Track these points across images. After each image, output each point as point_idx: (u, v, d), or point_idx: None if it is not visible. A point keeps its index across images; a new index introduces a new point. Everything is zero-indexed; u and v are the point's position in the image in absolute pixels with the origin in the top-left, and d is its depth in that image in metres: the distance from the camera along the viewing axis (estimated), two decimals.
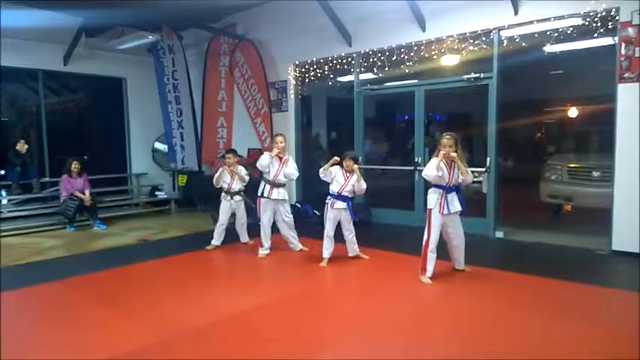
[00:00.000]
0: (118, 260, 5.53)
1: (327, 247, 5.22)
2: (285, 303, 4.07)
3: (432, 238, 4.45)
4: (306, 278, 4.84)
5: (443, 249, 4.62)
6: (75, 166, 7.79)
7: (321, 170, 5.15)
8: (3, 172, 8.40)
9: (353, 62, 7.85)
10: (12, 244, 6.81)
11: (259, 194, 5.58)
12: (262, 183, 5.61)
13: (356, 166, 5.12)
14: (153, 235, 7.03)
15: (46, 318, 3.86)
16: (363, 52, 7.65)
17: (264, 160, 5.51)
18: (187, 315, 3.80)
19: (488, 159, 6.51)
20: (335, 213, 5.19)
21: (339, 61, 8.01)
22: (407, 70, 7.19)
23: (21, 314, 3.99)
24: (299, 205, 7.99)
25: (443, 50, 6.83)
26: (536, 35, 6.10)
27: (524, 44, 6.23)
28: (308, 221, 7.38)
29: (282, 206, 5.63)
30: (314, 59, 8.27)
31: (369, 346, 3.18)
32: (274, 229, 5.71)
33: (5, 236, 7.19)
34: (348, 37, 7.63)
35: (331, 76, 8.29)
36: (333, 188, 5.19)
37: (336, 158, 5.13)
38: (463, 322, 3.56)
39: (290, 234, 5.79)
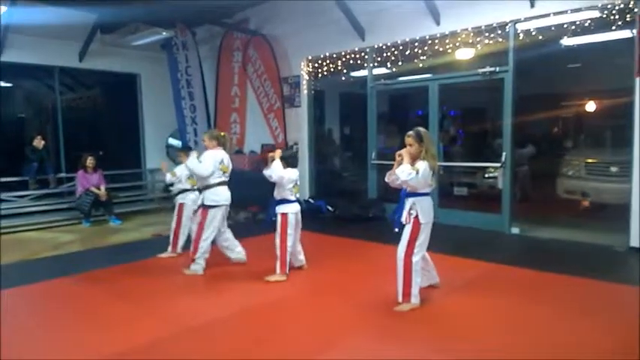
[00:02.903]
0: (133, 255, 5.58)
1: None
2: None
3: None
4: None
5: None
6: (90, 161, 7.88)
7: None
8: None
9: (366, 57, 7.80)
10: (29, 238, 6.93)
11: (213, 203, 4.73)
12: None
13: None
14: (167, 231, 7.07)
15: (62, 311, 3.92)
16: (376, 46, 7.59)
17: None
18: (203, 309, 3.84)
19: (503, 154, 6.42)
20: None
21: (353, 55, 7.97)
22: (421, 65, 7.12)
23: (38, 307, 4.06)
24: (312, 201, 7.98)
25: (457, 44, 6.75)
26: (552, 28, 6.00)
27: (540, 37, 6.14)
28: (322, 217, 7.38)
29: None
30: (327, 54, 8.24)
31: (397, 347, 3.17)
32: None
33: (22, 231, 7.32)
34: (362, 32, 7.58)
35: (344, 70, 8.25)
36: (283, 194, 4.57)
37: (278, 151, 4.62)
38: (480, 320, 3.52)
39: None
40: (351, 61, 8.02)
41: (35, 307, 4.09)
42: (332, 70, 8.29)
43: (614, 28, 5.49)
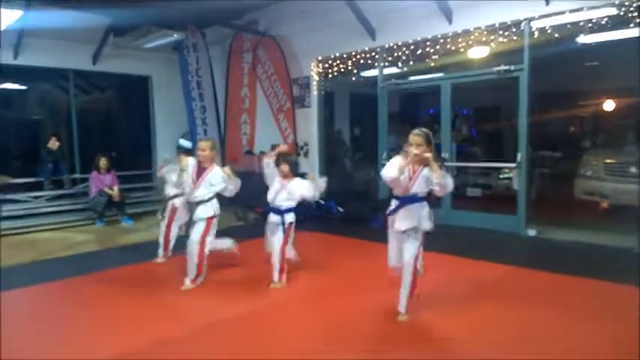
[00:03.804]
0: (145, 255, 5.58)
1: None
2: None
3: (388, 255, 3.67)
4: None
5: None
6: (103, 162, 7.95)
7: (265, 160, 4.54)
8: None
9: (377, 56, 7.73)
10: (45, 238, 7.01)
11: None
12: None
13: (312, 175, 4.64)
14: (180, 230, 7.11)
15: (76, 310, 3.95)
16: (387, 46, 7.51)
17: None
18: (213, 308, 3.85)
19: (519, 154, 6.30)
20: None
21: (363, 55, 7.91)
22: (433, 64, 7.03)
23: (54, 306, 4.10)
24: (322, 202, 7.93)
25: (471, 42, 6.65)
26: (568, 26, 5.87)
27: (556, 35, 6.01)
28: (332, 217, 7.33)
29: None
30: (337, 54, 8.19)
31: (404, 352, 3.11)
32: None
33: (38, 231, 7.41)
34: (372, 31, 7.51)
35: (354, 71, 8.20)
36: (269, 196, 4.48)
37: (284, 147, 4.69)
38: (497, 325, 3.42)
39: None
40: (362, 61, 7.96)
41: (51, 305, 4.13)
42: (342, 70, 8.24)
43: (632, 25, 5.35)
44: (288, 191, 4.39)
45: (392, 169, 3.40)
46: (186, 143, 10.01)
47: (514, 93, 6.35)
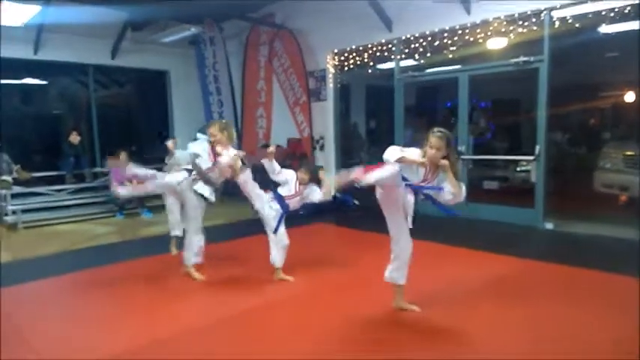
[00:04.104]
0: (164, 247, 5.68)
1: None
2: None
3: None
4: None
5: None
6: (123, 156, 8.06)
7: (265, 162, 4.32)
8: None
9: (394, 49, 7.69)
10: (67, 230, 7.18)
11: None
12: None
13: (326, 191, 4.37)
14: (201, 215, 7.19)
15: (100, 300, 4.04)
16: (404, 37, 7.47)
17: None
18: (231, 300, 3.89)
19: (537, 146, 6.24)
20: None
21: (379, 48, 7.87)
22: (450, 55, 6.97)
23: (76, 295, 4.22)
24: (338, 195, 7.93)
25: (489, 33, 6.57)
26: (590, 15, 5.76)
27: (577, 25, 5.91)
28: (347, 210, 7.34)
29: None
30: (353, 47, 8.17)
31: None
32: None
33: (60, 223, 7.58)
34: (389, 23, 7.46)
35: (371, 63, 8.16)
36: (282, 192, 4.40)
37: (272, 149, 4.36)
38: (514, 321, 3.39)
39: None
40: (378, 54, 7.92)
41: (74, 295, 4.23)
42: (358, 63, 8.22)
43: None
44: (302, 197, 4.42)
45: (394, 154, 3.08)
46: (203, 137, 10.13)
47: (533, 85, 6.28)
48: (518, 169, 7.81)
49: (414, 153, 3.18)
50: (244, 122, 9.76)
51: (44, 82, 9.58)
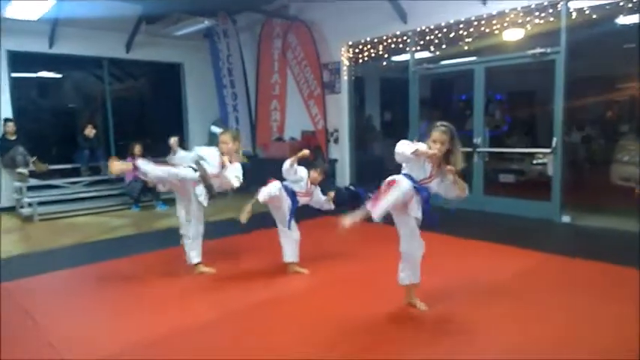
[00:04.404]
0: (179, 239, 5.73)
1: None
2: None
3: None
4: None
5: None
6: (138, 149, 8.15)
7: (287, 163, 4.21)
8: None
9: (408, 40, 7.62)
10: (83, 223, 7.27)
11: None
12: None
13: (332, 194, 4.46)
14: (210, 217, 7.23)
15: (114, 292, 4.09)
16: (419, 29, 7.40)
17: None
18: (240, 294, 3.91)
19: (554, 139, 6.17)
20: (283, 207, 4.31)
21: (394, 40, 7.81)
22: (466, 47, 6.90)
23: (90, 287, 4.27)
24: (352, 188, 7.95)
25: (505, 24, 6.48)
26: (607, 7, 5.65)
27: (594, 16, 5.80)
28: (361, 204, 7.32)
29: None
30: (367, 39, 8.11)
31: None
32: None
33: (76, 216, 7.67)
34: (404, 15, 7.40)
35: (385, 55, 8.11)
36: (294, 187, 4.33)
37: (306, 152, 4.26)
38: (535, 314, 3.36)
39: None
40: (393, 46, 7.86)
41: (89, 287, 4.28)
42: (372, 55, 8.16)
43: None
44: (311, 198, 4.42)
45: (408, 147, 3.06)
46: (217, 130, 10.16)
47: (550, 77, 6.19)
48: (534, 161, 7.73)
49: (424, 147, 3.12)
50: (258, 115, 9.76)
51: (59, 76, 9.66)
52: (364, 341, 3.01)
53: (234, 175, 4.28)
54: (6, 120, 7.94)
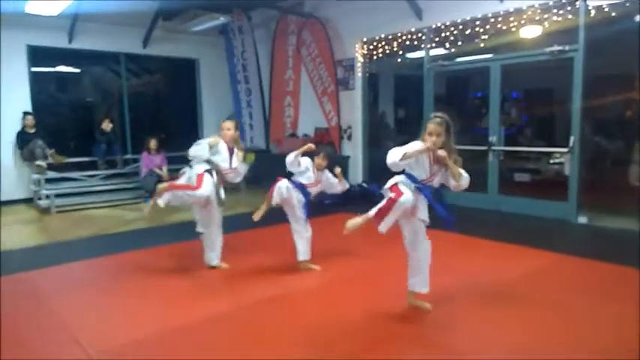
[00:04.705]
0: (190, 234, 5.78)
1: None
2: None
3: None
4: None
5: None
6: (154, 143, 8.25)
7: (291, 156, 4.21)
8: None
9: (424, 37, 7.58)
10: (99, 215, 7.39)
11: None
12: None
13: (338, 170, 4.31)
14: (222, 212, 7.30)
15: (130, 284, 4.15)
16: (434, 26, 7.35)
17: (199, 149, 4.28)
18: (257, 287, 3.94)
19: (571, 138, 6.08)
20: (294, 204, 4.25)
21: (409, 36, 7.77)
22: (482, 44, 6.83)
23: (108, 278, 4.35)
24: (365, 185, 7.94)
25: (522, 21, 6.41)
26: (627, 4, 5.55)
27: (613, 14, 5.70)
28: (375, 201, 7.31)
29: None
30: (382, 35, 8.08)
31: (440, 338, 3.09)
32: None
33: (92, 208, 7.80)
34: (419, 11, 7.35)
35: (400, 52, 8.07)
36: (302, 180, 4.29)
37: (311, 146, 4.26)
38: (539, 314, 3.34)
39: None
40: (407, 42, 7.82)
41: (106, 278, 4.37)
42: (387, 51, 8.13)
43: None
44: (322, 186, 4.36)
45: (397, 154, 3.00)
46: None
47: (568, 75, 6.10)
48: (551, 161, 7.63)
49: (415, 146, 3.06)
50: (272, 111, 9.80)
51: (78, 71, 9.81)
52: (365, 340, 3.00)
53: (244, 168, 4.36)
54: (25, 113, 8.09)
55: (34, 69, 8.47)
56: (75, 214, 7.47)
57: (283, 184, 4.16)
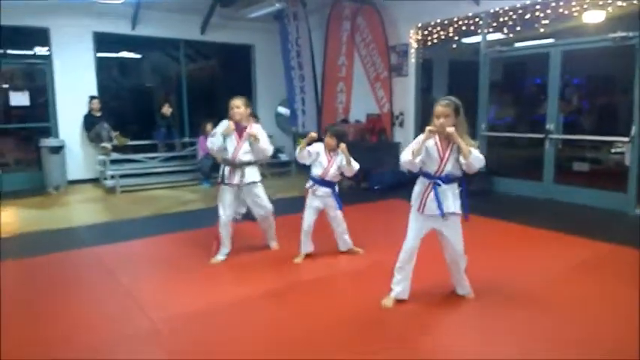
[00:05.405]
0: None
1: (305, 242, 4.32)
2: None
3: (404, 247, 3.22)
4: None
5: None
6: (210, 128, 8.54)
7: (297, 152, 4.17)
8: None
9: (480, 22, 7.40)
10: (160, 195, 7.82)
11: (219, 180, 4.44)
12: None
13: (343, 146, 4.07)
14: (273, 194, 7.48)
15: (187, 259, 4.41)
16: (492, 11, 7.16)
17: (214, 140, 4.32)
18: (305, 269, 4.11)
19: (633, 127, 5.82)
20: (318, 202, 4.24)
21: (465, 21, 7.61)
22: (542, 30, 6.60)
23: (169, 254, 4.62)
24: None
25: (585, 6, 6.14)
26: None
27: None
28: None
29: (250, 191, 4.35)
30: (438, 21, 7.95)
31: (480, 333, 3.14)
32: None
33: (154, 189, 8.25)
34: None
35: (455, 38, 7.92)
36: (315, 172, 4.20)
37: (313, 135, 4.10)
38: (591, 304, 3.32)
39: (265, 225, 4.62)
40: (464, 27, 7.66)
41: (166, 255, 4.66)
42: (442, 37, 8.00)
43: None
44: (339, 167, 4.19)
45: (407, 152, 3.03)
46: (284, 111, 10.44)
47: (631, 62, 5.81)
48: (612, 150, 7.30)
49: (419, 138, 3.07)
50: (324, 97, 9.86)
51: (139, 56, 10.26)
52: (366, 337, 2.97)
53: (267, 141, 4.28)
54: (92, 97, 8.59)
55: (99, 54, 8.90)
56: (137, 194, 7.92)
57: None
